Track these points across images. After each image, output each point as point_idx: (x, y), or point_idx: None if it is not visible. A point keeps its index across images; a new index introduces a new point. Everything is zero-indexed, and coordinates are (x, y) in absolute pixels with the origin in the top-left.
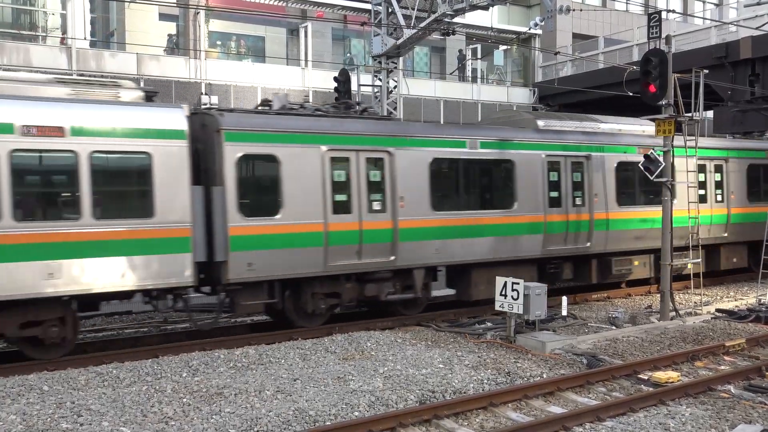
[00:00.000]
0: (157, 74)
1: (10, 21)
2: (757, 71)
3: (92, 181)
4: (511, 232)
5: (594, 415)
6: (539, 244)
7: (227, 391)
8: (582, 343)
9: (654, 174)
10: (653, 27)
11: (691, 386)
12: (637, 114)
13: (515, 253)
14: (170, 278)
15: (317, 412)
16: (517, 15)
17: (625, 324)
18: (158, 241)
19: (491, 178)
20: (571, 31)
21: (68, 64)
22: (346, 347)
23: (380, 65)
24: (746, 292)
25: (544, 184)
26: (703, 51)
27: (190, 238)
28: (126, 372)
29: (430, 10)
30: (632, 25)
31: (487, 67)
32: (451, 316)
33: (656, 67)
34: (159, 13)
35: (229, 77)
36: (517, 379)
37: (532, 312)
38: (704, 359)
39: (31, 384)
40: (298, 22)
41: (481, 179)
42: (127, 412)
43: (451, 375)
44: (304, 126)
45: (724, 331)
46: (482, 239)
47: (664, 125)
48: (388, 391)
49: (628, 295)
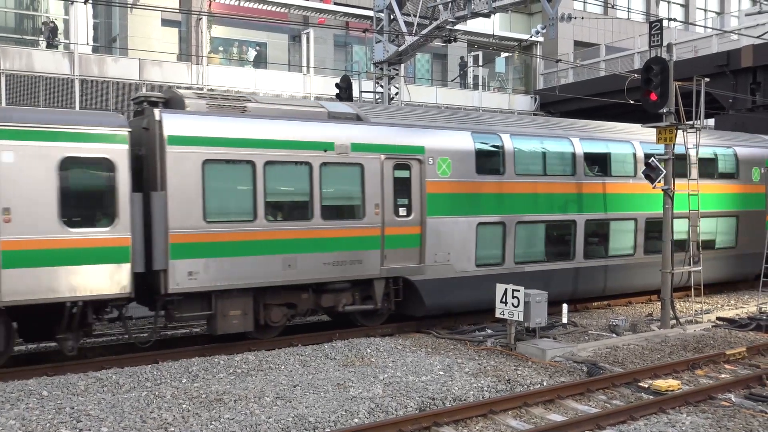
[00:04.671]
0: (159, 80)
1: (13, 26)
2: (759, 80)
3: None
4: None
5: (594, 423)
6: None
7: (227, 397)
8: (582, 350)
9: (655, 181)
10: (654, 35)
11: (692, 395)
12: (640, 122)
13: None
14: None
15: (317, 419)
16: (519, 22)
17: (625, 332)
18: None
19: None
20: (573, 38)
21: (70, 69)
22: (346, 354)
23: (382, 72)
24: (747, 301)
25: None
26: (705, 59)
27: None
28: (125, 377)
29: (431, 17)
30: (633, 33)
31: (488, 75)
32: (452, 323)
33: (657, 75)
34: (161, 19)
35: (231, 83)
36: (517, 386)
37: (533, 319)
38: (705, 368)
39: (31, 389)
40: (300, 28)
41: None
42: (126, 417)
43: (451, 382)
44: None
45: (724, 339)
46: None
47: (665, 133)
48: (388, 398)
49: (628, 303)
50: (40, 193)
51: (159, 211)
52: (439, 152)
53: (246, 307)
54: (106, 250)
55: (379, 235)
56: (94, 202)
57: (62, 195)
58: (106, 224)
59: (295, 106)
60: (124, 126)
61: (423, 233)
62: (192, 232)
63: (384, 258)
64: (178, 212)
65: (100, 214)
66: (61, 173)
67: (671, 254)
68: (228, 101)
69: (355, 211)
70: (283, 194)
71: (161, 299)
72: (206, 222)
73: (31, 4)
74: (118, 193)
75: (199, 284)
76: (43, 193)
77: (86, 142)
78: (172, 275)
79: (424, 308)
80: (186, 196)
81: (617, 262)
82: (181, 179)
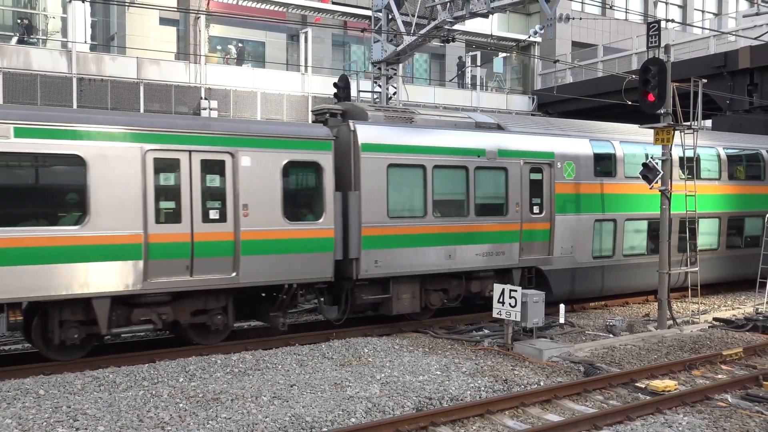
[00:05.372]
0: (157, 79)
1: (11, 24)
2: (756, 81)
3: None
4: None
5: (591, 423)
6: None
7: (224, 396)
8: (579, 351)
9: (652, 182)
10: (652, 36)
11: (688, 395)
12: (637, 122)
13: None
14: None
15: (314, 419)
16: (517, 23)
17: (622, 332)
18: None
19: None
20: (571, 39)
21: (68, 67)
22: (343, 353)
23: (380, 71)
24: (743, 301)
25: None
26: (702, 60)
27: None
28: (122, 376)
29: (430, 17)
30: (631, 33)
31: (486, 75)
32: (449, 323)
33: (655, 76)
34: (159, 18)
35: (229, 82)
36: (514, 386)
37: (530, 319)
38: (701, 368)
39: (27, 388)
40: (299, 27)
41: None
42: (123, 416)
43: (448, 382)
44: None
45: (721, 340)
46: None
47: (662, 134)
48: (385, 398)
49: (625, 303)
50: (269, 191)
51: (354, 208)
52: (565, 157)
53: (415, 292)
54: (317, 241)
55: (518, 230)
56: (308, 200)
57: (284, 193)
58: (315, 218)
59: (448, 116)
60: (329, 135)
61: (552, 228)
62: (378, 226)
63: (521, 250)
64: (368, 209)
65: (312, 210)
66: (284, 175)
67: (668, 255)
68: (398, 113)
69: (501, 209)
70: (446, 194)
71: (352, 283)
72: (389, 218)
73: (29, 2)
74: (325, 192)
75: (382, 271)
76: (272, 192)
77: (303, 149)
78: (363, 263)
79: (551, 295)
80: (374, 196)
81: (704, 256)
82: (371, 181)
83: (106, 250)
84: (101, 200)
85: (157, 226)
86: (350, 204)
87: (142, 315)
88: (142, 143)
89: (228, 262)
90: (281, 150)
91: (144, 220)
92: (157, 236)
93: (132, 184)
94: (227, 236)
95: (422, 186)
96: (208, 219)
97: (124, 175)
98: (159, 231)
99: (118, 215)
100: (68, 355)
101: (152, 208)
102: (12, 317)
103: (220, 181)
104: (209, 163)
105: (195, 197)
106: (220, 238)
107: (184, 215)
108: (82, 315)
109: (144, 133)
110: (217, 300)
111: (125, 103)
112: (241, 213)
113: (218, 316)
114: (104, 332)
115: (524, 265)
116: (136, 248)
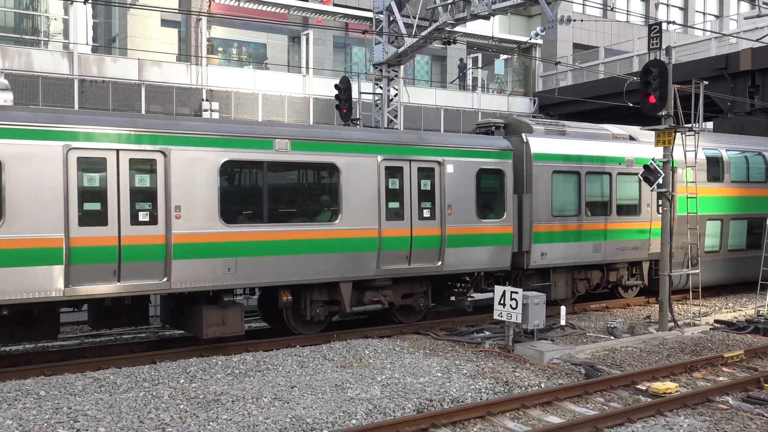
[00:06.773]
0: (158, 80)
1: (13, 25)
2: (757, 83)
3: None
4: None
5: (592, 425)
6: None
7: (224, 397)
8: (580, 352)
9: (653, 184)
10: (653, 38)
11: (690, 397)
12: (638, 124)
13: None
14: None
15: (314, 420)
16: (518, 25)
17: (623, 334)
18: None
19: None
20: (572, 41)
21: (69, 69)
22: (344, 355)
23: (381, 73)
24: (745, 304)
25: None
26: (703, 62)
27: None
28: (123, 378)
29: (431, 19)
30: (633, 35)
31: (487, 76)
32: (450, 325)
33: (656, 78)
34: (161, 19)
35: (230, 84)
36: (515, 388)
37: (531, 321)
38: (703, 370)
39: (28, 389)
40: (300, 29)
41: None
42: (123, 418)
43: (449, 384)
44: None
45: (722, 342)
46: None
47: (663, 136)
48: (386, 400)
49: (627, 305)
50: (467, 193)
51: (527, 208)
52: (683, 164)
53: (567, 280)
54: (500, 236)
55: (648, 227)
56: (493, 201)
57: (477, 195)
58: (498, 216)
59: (589, 129)
60: (510, 146)
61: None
62: (545, 224)
63: (649, 245)
64: (538, 209)
65: (496, 210)
66: (477, 180)
67: (669, 256)
68: (554, 126)
69: (635, 209)
70: (594, 196)
71: (522, 273)
72: (553, 216)
73: (31, 4)
74: (506, 194)
75: (546, 262)
76: (469, 193)
77: (491, 158)
78: (533, 255)
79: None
80: (542, 197)
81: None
82: (540, 185)
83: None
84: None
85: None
86: (524, 204)
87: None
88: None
89: (435, 254)
90: (476, 159)
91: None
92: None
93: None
94: (435, 231)
95: (577, 189)
96: (422, 217)
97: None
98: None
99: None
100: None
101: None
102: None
103: (431, 185)
104: (423, 170)
105: (413, 199)
106: (431, 233)
107: (405, 214)
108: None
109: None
110: (421, 285)
111: (127, 105)
112: (446, 212)
113: (421, 299)
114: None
115: (652, 258)
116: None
